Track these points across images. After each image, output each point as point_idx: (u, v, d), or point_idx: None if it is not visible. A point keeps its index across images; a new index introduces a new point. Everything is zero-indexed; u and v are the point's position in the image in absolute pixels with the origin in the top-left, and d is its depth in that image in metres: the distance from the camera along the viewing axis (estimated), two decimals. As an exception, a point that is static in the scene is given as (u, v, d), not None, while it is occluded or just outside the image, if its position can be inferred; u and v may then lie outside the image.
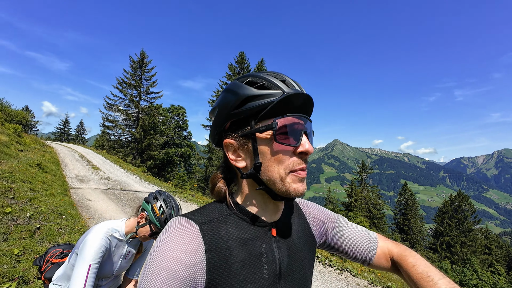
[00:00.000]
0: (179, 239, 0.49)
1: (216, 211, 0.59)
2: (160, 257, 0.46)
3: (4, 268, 2.66)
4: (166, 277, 0.44)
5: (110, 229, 1.27)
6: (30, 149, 10.78)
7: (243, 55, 28.12)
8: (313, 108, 0.59)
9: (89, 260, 1.11)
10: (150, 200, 1.34)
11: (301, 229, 0.68)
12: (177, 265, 0.45)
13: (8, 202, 4.30)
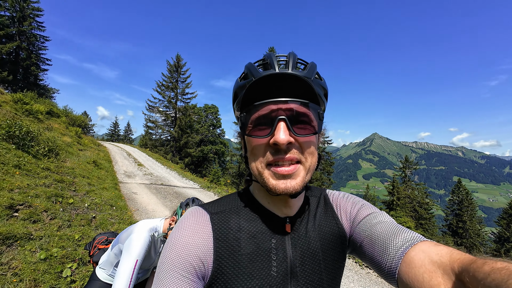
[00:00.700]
0: (190, 227, 0.52)
1: (230, 202, 0.59)
2: (173, 242, 0.50)
3: (68, 250, 3.09)
4: (176, 260, 0.47)
5: (152, 228, 1.35)
6: (88, 148, 12.36)
7: (273, 50, 27.80)
8: (311, 87, 0.48)
9: (136, 256, 1.20)
10: (182, 206, 1.39)
11: (326, 225, 0.58)
12: (185, 249, 0.48)
13: (71, 194, 4.99)
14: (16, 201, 3.53)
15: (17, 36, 22.50)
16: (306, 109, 0.48)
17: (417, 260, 0.41)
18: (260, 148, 0.49)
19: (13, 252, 2.66)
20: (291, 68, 0.51)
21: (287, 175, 0.47)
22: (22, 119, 8.40)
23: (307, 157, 0.49)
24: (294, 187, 0.47)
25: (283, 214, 0.56)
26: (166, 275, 0.46)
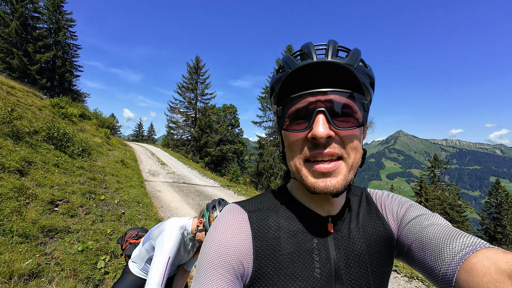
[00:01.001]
0: (228, 225, 0.51)
1: (267, 200, 0.58)
2: (211, 240, 0.49)
3: (101, 243, 3.31)
4: (215, 259, 0.46)
5: (182, 226, 1.41)
6: (116, 148, 13.14)
7: (291, 48, 27.49)
8: (353, 76, 0.43)
9: (168, 253, 1.25)
10: (209, 209, 1.39)
11: (371, 225, 0.55)
12: (225, 249, 0.47)
13: (102, 191, 5.34)
14: (56, 197, 3.86)
15: (54, 46, 24.50)
16: (348, 100, 0.44)
17: (480, 267, 0.35)
18: (297, 144, 0.47)
19: (55, 244, 2.91)
20: (330, 56, 0.48)
21: (327, 173, 0.44)
22: (59, 121, 9.15)
23: (350, 152, 0.45)
24: (334, 186, 0.44)
25: (324, 213, 0.53)
26: (206, 273, 0.46)
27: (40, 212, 3.26)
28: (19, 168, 3.92)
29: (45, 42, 23.18)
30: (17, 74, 20.47)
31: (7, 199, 3.00)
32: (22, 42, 21.80)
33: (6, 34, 20.49)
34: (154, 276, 1.18)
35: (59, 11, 24.82)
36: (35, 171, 4.27)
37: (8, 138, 4.64)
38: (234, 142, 35.24)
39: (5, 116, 4.94)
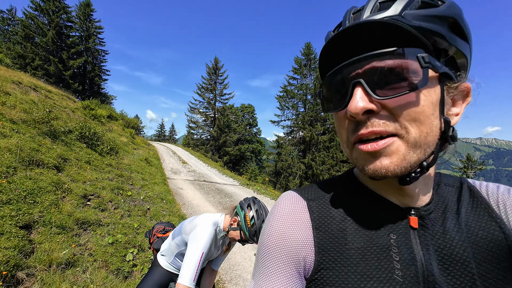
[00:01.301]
0: (286, 215, 0.47)
1: (331, 186, 0.51)
2: (269, 230, 0.47)
3: (129, 237, 3.45)
4: (274, 249, 0.44)
5: (215, 222, 1.39)
6: (140, 147, 13.75)
7: (310, 46, 26.99)
8: (398, 28, 0.34)
9: (202, 249, 1.24)
10: (244, 208, 1.36)
11: (481, 227, 0.41)
12: (283, 239, 0.45)
13: (129, 187, 5.58)
14: (89, 192, 4.09)
15: (84, 52, 26.28)
16: (395, 60, 0.34)
17: None
18: (341, 125, 0.41)
19: (88, 235, 3.08)
20: (366, 14, 0.38)
21: (376, 152, 0.36)
22: (89, 122, 9.75)
23: (408, 126, 0.35)
24: (387, 168, 0.36)
25: (406, 204, 0.44)
26: (266, 266, 0.43)
27: (75, 206, 3.46)
28: (56, 164, 4.21)
29: (77, 49, 24.94)
30: (53, 79, 22.22)
31: (46, 193, 3.23)
32: (57, 49, 23.64)
33: (44, 43, 22.34)
34: (187, 271, 1.17)
35: (89, 20, 26.55)
36: (69, 167, 4.56)
37: (46, 137, 5.02)
38: (252, 142, 35.38)
39: (44, 116, 5.35)
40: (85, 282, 2.24)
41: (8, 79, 8.13)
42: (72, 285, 2.12)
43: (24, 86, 8.77)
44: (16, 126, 4.52)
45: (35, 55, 22.20)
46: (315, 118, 25.54)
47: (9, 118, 4.62)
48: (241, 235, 1.34)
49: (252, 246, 4.35)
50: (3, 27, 31.80)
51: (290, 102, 27.04)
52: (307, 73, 26.95)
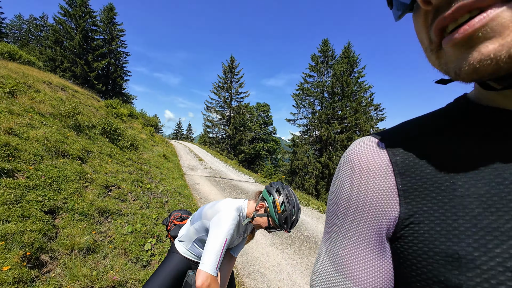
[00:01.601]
0: (356, 162, 0.37)
1: (426, 120, 0.36)
2: (337, 182, 0.39)
3: (147, 227, 3.46)
4: (344, 206, 0.36)
5: (238, 208, 1.29)
6: (158, 144, 14.12)
7: (327, 42, 26.33)
8: None
9: (226, 235, 1.14)
10: (272, 193, 1.25)
11: None
12: (354, 192, 0.36)
13: (148, 180, 5.68)
14: (110, 183, 4.18)
15: (108, 54, 27.56)
16: None
17: None
18: (420, 27, 0.28)
19: (108, 224, 3.11)
20: None
21: (470, 37, 0.22)
22: (111, 119, 10.14)
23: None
24: (494, 52, 0.21)
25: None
26: (338, 226, 0.36)
27: (97, 195, 3.53)
28: (80, 156, 4.34)
29: (101, 51, 26.21)
30: (79, 80, 23.54)
31: (70, 181, 3.32)
32: (83, 52, 24.99)
33: (71, 46, 23.71)
34: (209, 258, 1.06)
35: (112, 23, 27.81)
36: (92, 159, 4.70)
37: (72, 130, 5.23)
38: (267, 140, 35.23)
39: (70, 110, 5.59)
40: (105, 268, 2.23)
41: (40, 79, 8.63)
42: (92, 270, 2.12)
43: (53, 86, 9.28)
44: (44, 119, 4.74)
45: (63, 58, 23.64)
46: (332, 117, 24.86)
47: (38, 111, 4.86)
48: (269, 222, 1.22)
49: (269, 242, 4.22)
50: (36, 33, 34.26)
51: (307, 100, 26.54)
52: (324, 70, 26.30)
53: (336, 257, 0.35)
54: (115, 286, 2.04)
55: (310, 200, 8.21)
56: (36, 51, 25.70)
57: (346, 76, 23.73)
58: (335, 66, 24.17)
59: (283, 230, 1.21)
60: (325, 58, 26.17)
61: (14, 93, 4.96)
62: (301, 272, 3.34)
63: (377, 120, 27.54)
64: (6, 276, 1.62)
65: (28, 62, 12.49)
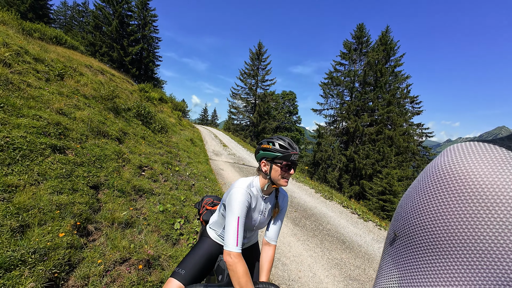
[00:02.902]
0: (485, 190, 0.25)
1: None
2: (443, 208, 0.27)
3: (176, 208, 3.67)
4: (456, 240, 0.26)
5: (249, 184, 1.31)
6: (186, 129, 14.66)
7: (362, 27, 24.45)
8: None
9: (237, 213, 1.17)
10: (261, 146, 1.30)
11: None
12: (480, 234, 0.25)
13: (176, 163, 5.97)
14: (143, 163, 4.47)
15: (141, 40, 28.64)
16: None
17: None
18: None
19: (142, 202, 3.36)
20: None
21: None
22: (144, 103, 10.70)
23: None
24: None
25: None
26: (432, 266, 0.28)
27: (132, 174, 3.81)
28: (117, 137, 4.68)
29: (135, 37, 27.29)
30: (116, 64, 24.94)
31: (110, 160, 3.61)
32: (119, 37, 26.25)
33: (109, 32, 25.01)
34: (229, 237, 1.14)
35: (146, 8, 28.58)
36: (128, 140, 5.05)
37: (110, 112, 5.62)
38: (291, 130, 34.72)
39: (109, 94, 5.98)
40: (140, 242, 2.44)
41: (82, 63, 9.31)
42: (130, 243, 2.33)
43: (94, 70, 9.97)
44: (88, 101, 5.14)
45: (102, 43, 25.11)
46: (362, 108, 23.54)
47: (82, 93, 5.28)
48: (279, 165, 1.23)
49: (290, 232, 4.25)
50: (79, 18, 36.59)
51: (335, 90, 25.32)
52: (357, 58, 24.65)
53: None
54: (149, 259, 2.23)
55: (333, 194, 8.04)
56: (79, 36, 27.64)
57: (381, 65, 22.06)
58: (370, 54, 22.51)
59: (293, 152, 1.23)
60: (359, 45, 24.44)
61: (63, 76, 5.43)
62: (322, 265, 3.34)
63: (412, 114, 25.53)
64: (61, 241, 1.84)
65: (73, 47, 13.49)
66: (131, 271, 2.04)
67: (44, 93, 4.06)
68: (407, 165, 21.98)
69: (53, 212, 2.05)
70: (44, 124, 3.11)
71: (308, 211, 5.49)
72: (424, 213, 0.29)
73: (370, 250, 4.00)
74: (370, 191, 16.08)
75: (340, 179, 22.93)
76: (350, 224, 5.06)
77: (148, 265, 2.19)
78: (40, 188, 2.22)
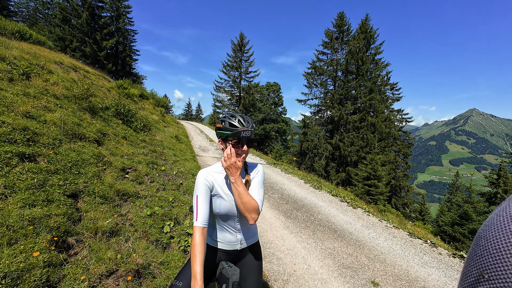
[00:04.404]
0: None
1: None
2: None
3: (165, 210, 3.53)
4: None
5: (209, 168, 1.41)
6: (170, 125, 14.19)
7: (343, 16, 24.55)
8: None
9: (196, 192, 1.27)
10: (218, 122, 1.36)
11: None
12: None
13: (162, 162, 5.74)
14: (126, 165, 4.24)
15: (116, 33, 26.99)
16: None
17: None
18: None
19: (128, 206, 3.19)
20: None
21: None
22: (124, 100, 10.15)
23: None
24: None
25: None
26: None
27: (115, 178, 3.59)
28: (96, 138, 4.39)
29: (109, 30, 25.66)
30: (89, 60, 23.43)
31: (89, 164, 3.37)
32: (91, 31, 24.56)
33: (79, 25, 23.31)
34: (193, 215, 1.24)
35: (118, -1, 26.83)
36: (108, 141, 4.75)
37: (86, 112, 5.25)
38: (277, 121, 34.80)
39: (83, 92, 5.57)
40: (128, 251, 2.30)
41: (51, 59, 8.59)
42: (116, 253, 2.19)
43: (65, 66, 9.25)
44: (59, 101, 4.75)
45: (72, 37, 23.40)
46: (345, 97, 23.95)
47: (52, 93, 4.86)
48: (232, 141, 1.28)
49: (283, 225, 4.26)
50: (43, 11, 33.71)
51: (319, 80, 25.51)
52: (339, 47, 24.85)
53: None
54: (138, 269, 2.10)
55: (321, 183, 8.18)
56: (46, 30, 25.50)
57: (362, 53, 22.40)
58: (351, 42, 22.74)
59: (242, 129, 1.26)
60: (340, 33, 24.59)
61: (29, 75, 4.95)
62: (316, 256, 3.37)
63: (393, 100, 26.41)
64: (37, 260, 1.67)
65: (39, 42, 12.42)
66: (119, 284, 1.91)
67: (6, 95, 3.68)
68: (389, 150, 22.91)
69: (25, 229, 1.86)
70: (8, 130, 2.81)
71: (299, 202, 5.53)
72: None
73: (360, 236, 4.10)
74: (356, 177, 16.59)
75: (327, 167, 23.48)
76: (340, 212, 5.16)
77: (138, 275, 2.07)
78: (8, 203, 2.00)
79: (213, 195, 1.30)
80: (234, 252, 1.39)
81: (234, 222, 1.37)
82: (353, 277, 2.97)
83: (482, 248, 0.28)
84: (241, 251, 1.41)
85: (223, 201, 1.31)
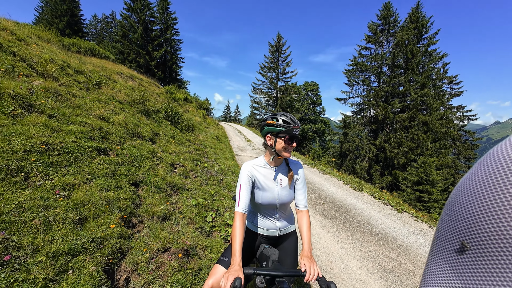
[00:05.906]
0: None
1: None
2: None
3: (208, 202, 3.87)
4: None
5: (252, 161, 1.49)
6: (211, 126, 15.13)
7: (389, 6, 22.68)
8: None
9: (240, 182, 1.38)
10: (268, 119, 1.40)
11: None
12: None
13: (205, 160, 6.23)
14: (175, 161, 4.76)
15: (164, 43, 29.88)
16: None
17: None
18: None
19: (177, 197, 3.60)
20: None
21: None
22: (171, 104, 11.25)
23: None
24: None
25: None
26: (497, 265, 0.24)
27: (166, 171, 4.09)
28: (150, 137, 5.03)
29: (158, 41, 28.56)
30: (143, 69, 26.42)
31: (146, 159, 3.91)
32: (144, 43, 27.68)
33: (135, 39, 26.50)
34: (236, 202, 1.33)
35: (167, 13, 29.65)
36: (160, 140, 5.39)
37: (142, 115, 6.04)
38: (315, 121, 33.84)
39: (139, 98, 6.42)
40: (178, 233, 2.64)
41: (114, 71, 10.04)
42: (169, 234, 2.54)
43: (124, 76, 10.71)
44: (123, 106, 5.58)
45: (130, 50, 26.73)
46: (391, 93, 22.02)
47: (117, 99, 5.74)
48: (283, 138, 1.34)
49: (319, 224, 4.23)
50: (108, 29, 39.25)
51: (361, 77, 23.99)
52: (384, 41, 23.00)
53: None
54: (187, 249, 2.41)
55: (363, 185, 7.75)
56: (109, 46, 29.74)
57: (412, 45, 20.31)
58: (399, 34, 20.84)
59: (294, 126, 1.32)
60: (386, 25, 22.73)
61: (100, 85, 5.94)
62: (354, 257, 3.29)
63: (451, 95, 23.23)
64: (113, 232, 2.08)
65: (105, 56, 14.59)
66: (172, 259, 2.23)
67: (86, 101, 4.51)
68: (446, 152, 20.15)
69: (104, 207, 2.32)
70: (89, 129, 3.47)
71: (336, 203, 5.39)
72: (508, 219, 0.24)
73: (406, 242, 3.83)
74: (404, 181, 15.13)
75: (370, 170, 21.90)
76: (382, 215, 4.87)
77: (186, 254, 2.37)
78: (91, 186, 2.51)
79: (255, 187, 1.43)
80: (273, 237, 1.53)
81: (273, 211, 1.50)
82: (396, 282, 2.82)
83: (457, 213, 0.28)
84: (279, 238, 1.54)
85: (265, 192, 1.43)
